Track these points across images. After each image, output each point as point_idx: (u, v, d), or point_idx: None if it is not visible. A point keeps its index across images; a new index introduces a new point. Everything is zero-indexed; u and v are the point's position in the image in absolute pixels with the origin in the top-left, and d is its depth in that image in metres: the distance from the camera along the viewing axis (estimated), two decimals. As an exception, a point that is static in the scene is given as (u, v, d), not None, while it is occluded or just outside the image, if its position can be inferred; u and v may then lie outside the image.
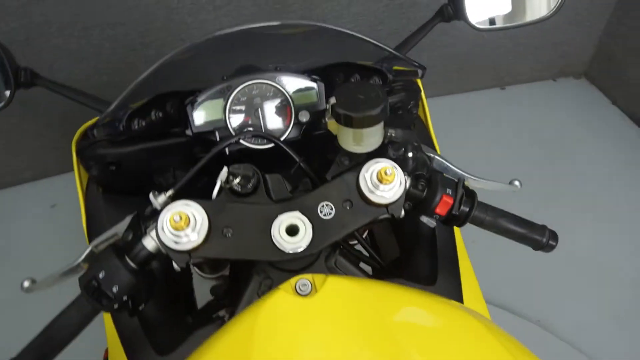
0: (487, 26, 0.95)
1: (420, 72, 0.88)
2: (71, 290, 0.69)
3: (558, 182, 2.37)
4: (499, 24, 0.96)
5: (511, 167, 2.37)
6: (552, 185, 2.34)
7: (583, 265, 2.06)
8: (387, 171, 0.69)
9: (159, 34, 2.03)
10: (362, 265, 0.86)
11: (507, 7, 0.94)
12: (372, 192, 0.70)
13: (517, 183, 0.89)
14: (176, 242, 0.65)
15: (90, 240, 0.93)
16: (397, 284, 0.77)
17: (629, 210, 2.27)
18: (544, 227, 0.79)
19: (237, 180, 0.71)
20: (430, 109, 1.13)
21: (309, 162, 0.99)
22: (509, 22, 0.96)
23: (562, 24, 2.63)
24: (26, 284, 0.72)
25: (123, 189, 0.95)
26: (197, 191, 0.77)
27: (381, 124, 0.76)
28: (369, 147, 0.77)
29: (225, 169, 0.71)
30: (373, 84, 0.78)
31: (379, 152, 0.78)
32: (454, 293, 0.86)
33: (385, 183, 0.69)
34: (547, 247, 0.79)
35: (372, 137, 0.76)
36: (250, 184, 0.72)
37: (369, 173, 0.70)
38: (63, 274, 0.74)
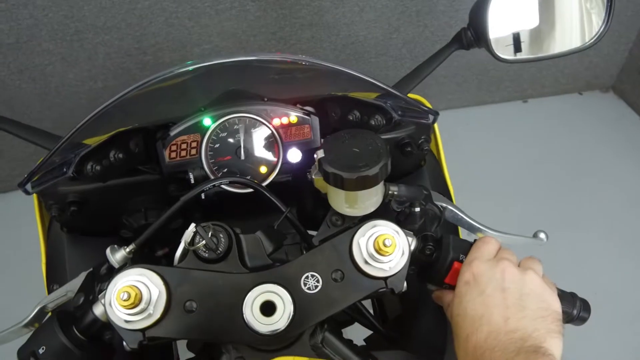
0: (512, 57, 0.81)
1: (431, 117, 0.73)
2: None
3: (582, 203, 2.21)
4: (527, 55, 0.82)
5: (532, 185, 2.24)
6: (575, 206, 2.18)
7: (608, 298, 1.87)
8: (386, 242, 0.56)
9: (156, 39, 1.90)
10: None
11: (540, 35, 0.80)
12: (367, 263, 0.58)
13: (542, 236, 0.77)
14: (127, 321, 0.54)
15: (48, 286, 0.84)
16: None
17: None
18: (574, 297, 0.67)
19: (203, 242, 0.58)
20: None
21: (303, 206, 0.86)
22: (540, 52, 0.82)
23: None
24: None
25: (90, 230, 0.84)
26: (166, 237, 0.67)
27: (381, 183, 0.63)
28: (365, 210, 0.64)
29: (191, 227, 0.59)
30: (370, 134, 0.64)
31: (380, 207, 0.66)
32: None
33: (383, 255, 0.57)
34: (577, 320, 0.66)
35: (369, 199, 0.64)
36: (221, 249, 0.60)
37: (364, 239, 0.58)
38: (10, 333, 0.67)
